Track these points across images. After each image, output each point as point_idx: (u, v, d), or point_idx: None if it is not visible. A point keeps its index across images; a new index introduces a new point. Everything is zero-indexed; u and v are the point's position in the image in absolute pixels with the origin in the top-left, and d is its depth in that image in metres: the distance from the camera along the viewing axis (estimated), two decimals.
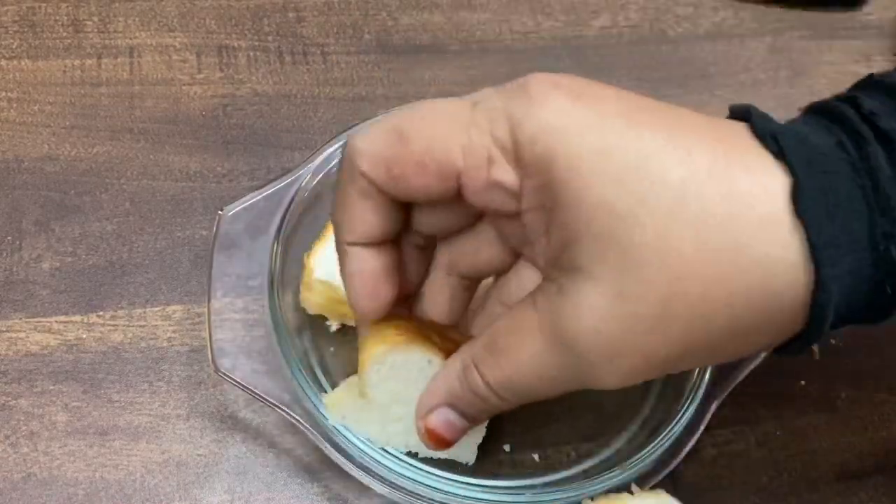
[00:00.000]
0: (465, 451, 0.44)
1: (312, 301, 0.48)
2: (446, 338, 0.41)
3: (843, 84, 0.36)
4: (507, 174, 0.34)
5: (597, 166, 0.32)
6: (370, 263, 0.38)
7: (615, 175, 0.32)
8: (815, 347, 0.53)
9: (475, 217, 0.39)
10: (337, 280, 0.45)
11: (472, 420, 0.39)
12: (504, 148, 0.34)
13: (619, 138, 0.33)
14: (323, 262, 0.47)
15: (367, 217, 0.37)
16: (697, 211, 0.32)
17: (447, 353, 0.40)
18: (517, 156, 0.34)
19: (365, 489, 0.46)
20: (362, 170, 0.36)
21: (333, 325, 0.48)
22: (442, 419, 0.39)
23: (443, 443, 0.39)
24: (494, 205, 0.36)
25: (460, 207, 0.37)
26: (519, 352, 0.35)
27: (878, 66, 0.66)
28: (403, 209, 0.38)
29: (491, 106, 0.34)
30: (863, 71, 0.65)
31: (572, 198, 0.33)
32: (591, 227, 0.32)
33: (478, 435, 0.43)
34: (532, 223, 0.35)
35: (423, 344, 0.40)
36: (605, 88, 0.35)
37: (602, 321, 0.33)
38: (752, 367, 0.48)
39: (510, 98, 0.34)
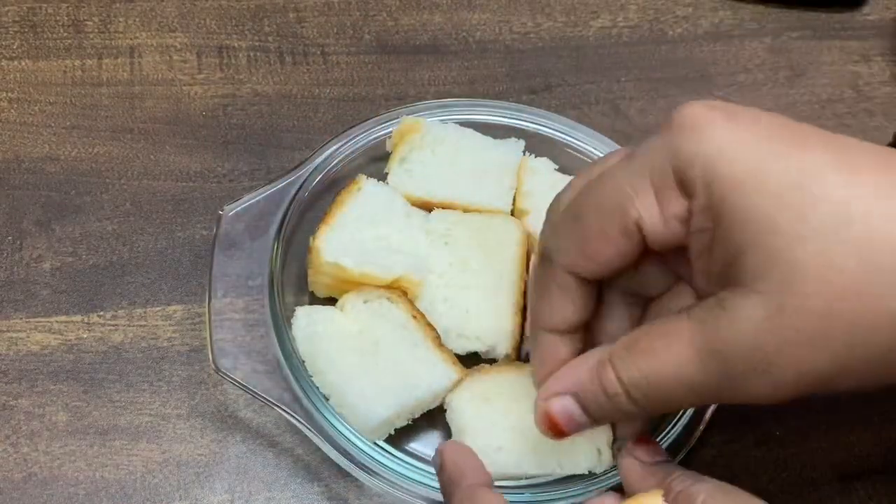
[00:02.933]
0: (587, 457, 0.44)
1: (321, 283, 0.48)
2: None
3: (842, 84, 0.36)
4: (676, 204, 0.35)
5: (757, 184, 0.33)
6: (562, 351, 0.40)
7: (775, 192, 0.33)
8: None
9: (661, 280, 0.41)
10: (345, 260, 0.46)
11: (592, 418, 0.39)
12: (665, 178, 0.35)
13: (778, 157, 0.33)
14: (330, 243, 0.47)
15: (566, 307, 0.39)
16: (861, 230, 0.32)
17: None
18: (680, 181, 0.35)
19: (365, 489, 0.46)
20: (562, 263, 0.38)
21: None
22: (562, 407, 0.39)
23: (557, 431, 0.39)
24: (674, 240, 0.36)
25: (644, 271, 0.40)
26: (662, 355, 0.36)
27: (878, 66, 0.66)
28: (595, 297, 0.40)
29: (646, 147, 0.35)
30: (862, 71, 0.66)
31: (734, 215, 0.33)
32: (754, 243, 0.33)
33: (601, 438, 0.44)
34: (696, 245, 0.36)
35: None
36: (762, 112, 0.35)
37: (759, 332, 0.33)
38: None
39: (665, 133, 0.35)
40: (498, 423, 0.44)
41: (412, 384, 0.45)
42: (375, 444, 0.44)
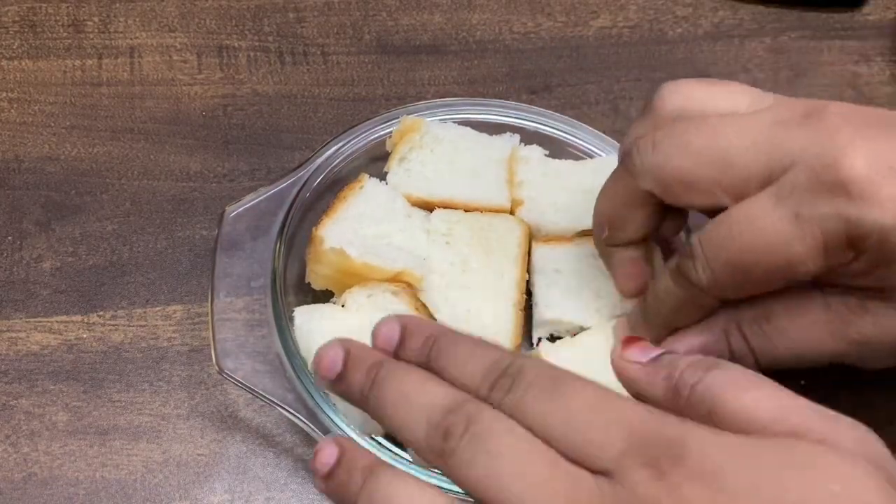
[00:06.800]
0: None
1: (320, 274, 0.47)
2: None
3: (842, 84, 0.36)
4: (842, 257, 0.38)
5: None
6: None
7: None
8: None
9: None
10: (349, 248, 0.46)
11: None
12: (839, 243, 0.38)
13: None
14: (334, 233, 0.47)
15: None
16: None
17: None
18: (851, 242, 0.38)
19: None
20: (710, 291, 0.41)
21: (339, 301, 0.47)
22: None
23: None
24: None
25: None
26: (797, 336, 0.41)
27: (878, 66, 0.66)
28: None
29: (817, 214, 0.37)
30: (862, 71, 0.66)
31: None
32: None
33: None
34: (843, 269, 0.39)
35: None
36: None
37: None
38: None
39: (834, 201, 0.37)
40: None
41: None
42: (379, 443, 0.44)
